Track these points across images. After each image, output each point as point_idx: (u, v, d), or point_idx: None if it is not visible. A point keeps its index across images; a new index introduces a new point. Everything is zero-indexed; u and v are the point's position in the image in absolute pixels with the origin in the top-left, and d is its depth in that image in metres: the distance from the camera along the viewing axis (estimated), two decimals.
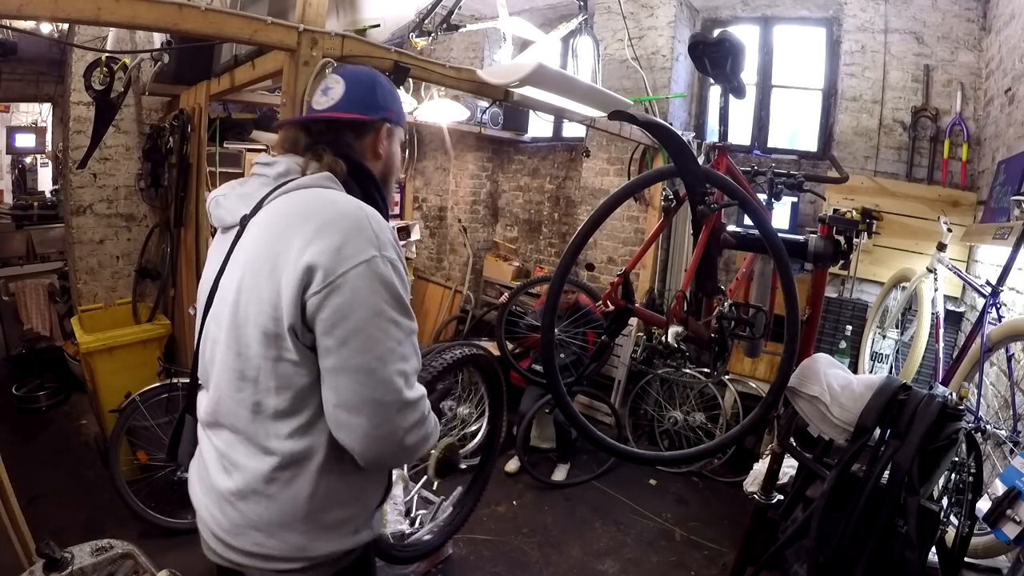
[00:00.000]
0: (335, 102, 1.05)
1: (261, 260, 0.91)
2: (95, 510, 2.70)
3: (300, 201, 0.94)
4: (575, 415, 1.69)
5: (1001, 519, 1.32)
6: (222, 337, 0.95)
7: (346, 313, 0.86)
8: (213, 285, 0.99)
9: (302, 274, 0.86)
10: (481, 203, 5.56)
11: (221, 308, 0.96)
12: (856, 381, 1.49)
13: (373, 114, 1.07)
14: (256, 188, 1.01)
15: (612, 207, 1.63)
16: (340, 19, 2.23)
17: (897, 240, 3.35)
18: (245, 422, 0.93)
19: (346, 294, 0.86)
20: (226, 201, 1.03)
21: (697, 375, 3.63)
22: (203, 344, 1.02)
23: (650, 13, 4.16)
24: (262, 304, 0.89)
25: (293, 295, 0.87)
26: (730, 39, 1.58)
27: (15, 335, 4.15)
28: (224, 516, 0.95)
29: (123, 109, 3.07)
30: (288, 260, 0.87)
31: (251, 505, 0.93)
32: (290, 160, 1.02)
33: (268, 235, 0.93)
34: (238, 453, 0.94)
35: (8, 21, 3.47)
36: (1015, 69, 2.65)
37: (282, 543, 0.93)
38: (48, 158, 6.67)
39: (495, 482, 3.40)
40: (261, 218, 0.96)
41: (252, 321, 0.90)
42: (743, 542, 1.93)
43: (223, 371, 0.95)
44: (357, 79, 1.07)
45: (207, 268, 1.06)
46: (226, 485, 0.95)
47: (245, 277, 0.93)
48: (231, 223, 1.00)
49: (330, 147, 1.02)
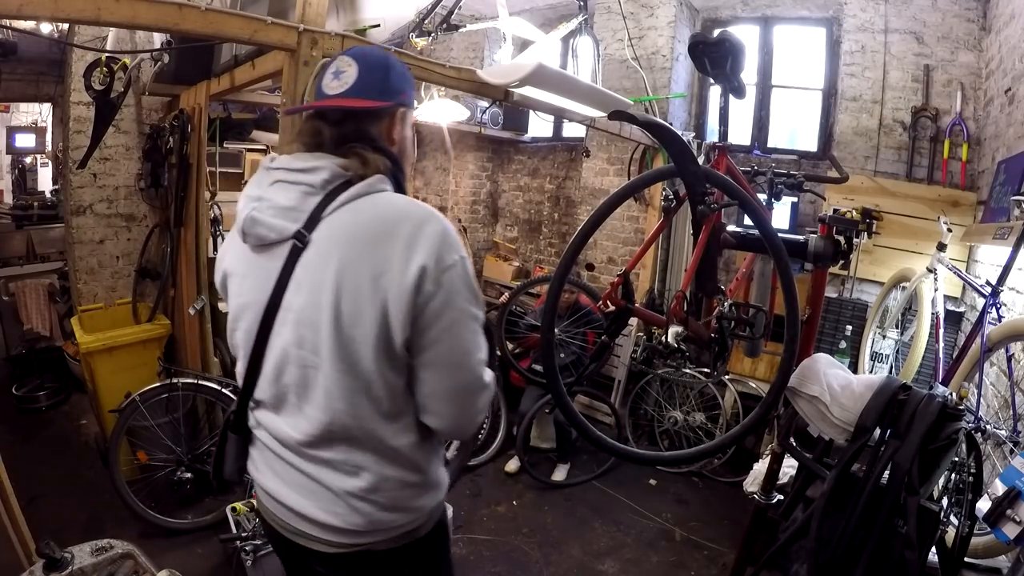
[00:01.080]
0: (348, 87, 0.99)
1: (361, 280, 0.89)
2: (95, 510, 2.70)
3: (373, 214, 0.93)
4: (575, 415, 1.69)
5: (1001, 519, 1.32)
6: (325, 361, 0.92)
7: (441, 313, 0.92)
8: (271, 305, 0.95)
9: (413, 284, 0.89)
10: (481, 203, 5.56)
11: (309, 332, 0.92)
12: (856, 381, 1.49)
13: (388, 99, 1.02)
14: (299, 199, 0.95)
15: (612, 207, 1.63)
16: (340, 19, 2.23)
17: (897, 240, 3.35)
18: (367, 432, 0.96)
19: (443, 296, 0.91)
20: (263, 216, 0.95)
21: (697, 375, 3.63)
22: (276, 369, 0.98)
23: (650, 13, 4.16)
24: (371, 324, 0.90)
25: (406, 309, 0.89)
26: (730, 39, 1.58)
27: (15, 335, 4.14)
28: (354, 511, 0.98)
29: (123, 109, 3.07)
30: (392, 280, 0.89)
31: (382, 494, 0.99)
32: (330, 163, 0.96)
33: (359, 253, 0.90)
34: (363, 457, 0.98)
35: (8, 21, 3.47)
36: (1015, 69, 2.65)
37: (408, 512, 1.03)
38: (48, 158, 6.67)
39: (495, 482, 3.41)
40: (331, 235, 0.92)
41: (362, 341, 0.90)
42: (743, 542, 1.93)
43: (334, 391, 0.93)
44: (370, 63, 1.02)
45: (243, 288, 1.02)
46: (354, 485, 0.98)
47: (344, 299, 0.89)
48: (276, 240, 0.95)
49: (362, 141, 0.99)
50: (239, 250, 1.02)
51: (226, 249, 1.09)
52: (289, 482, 1.01)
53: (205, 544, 2.54)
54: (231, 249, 1.06)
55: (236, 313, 1.04)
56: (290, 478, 1.02)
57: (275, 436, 1.02)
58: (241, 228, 0.98)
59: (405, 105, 1.06)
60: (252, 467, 1.10)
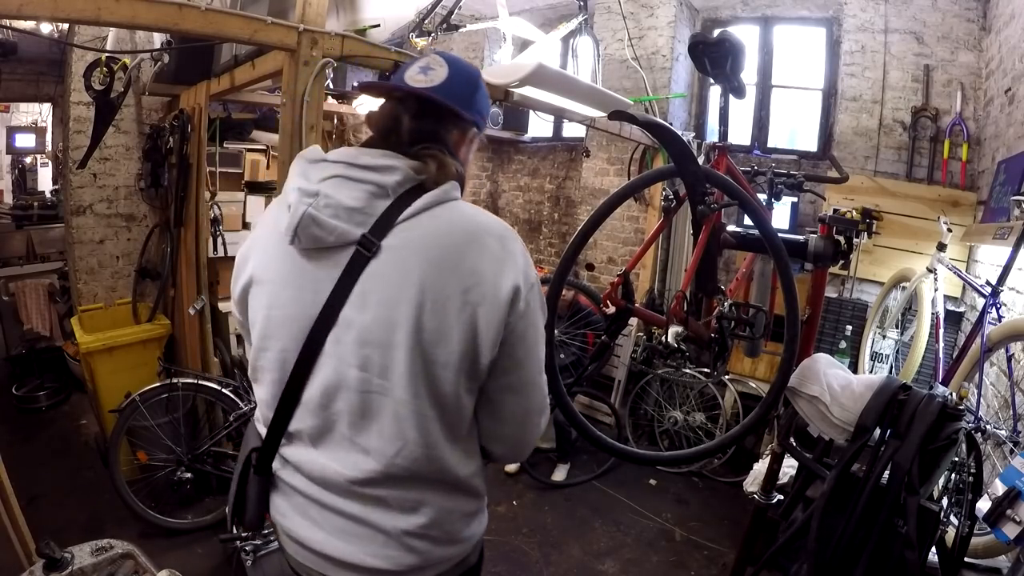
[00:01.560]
0: (437, 84, 0.90)
1: (448, 295, 0.81)
2: (95, 510, 2.70)
3: (455, 224, 0.86)
4: (575, 415, 1.69)
5: (1001, 519, 1.32)
6: (395, 384, 0.83)
7: (525, 333, 0.88)
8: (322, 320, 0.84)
9: (507, 304, 0.84)
10: (481, 203, 5.56)
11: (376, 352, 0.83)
12: (856, 381, 1.49)
13: (469, 113, 0.94)
14: (365, 201, 0.84)
15: (612, 207, 1.64)
16: (340, 19, 2.23)
17: (897, 240, 3.35)
18: (434, 461, 0.87)
19: (530, 316, 0.88)
20: (322, 216, 0.83)
21: (697, 375, 3.63)
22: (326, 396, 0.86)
23: (650, 13, 4.16)
24: (456, 343, 0.83)
25: (497, 327, 0.84)
26: (730, 39, 1.58)
27: (15, 335, 4.14)
28: (407, 551, 0.89)
29: (123, 109, 3.07)
30: (484, 295, 0.82)
31: (440, 528, 0.91)
32: (403, 163, 0.86)
33: (443, 265, 0.82)
34: (423, 491, 0.89)
35: (8, 21, 3.47)
36: (1015, 69, 2.65)
37: (462, 544, 0.96)
38: (48, 158, 6.66)
39: (495, 482, 3.41)
40: (409, 243, 0.83)
41: (443, 362, 0.83)
42: (743, 542, 1.93)
43: (406, 417, 0.84)
44: (462, 70, 0.94)
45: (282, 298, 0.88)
46: (411, 523, 0.89)
47: (426, 315, 0.81)
48: (334, 243, 0.84)
49: (438, 143, 0.91)
50: (276, 253, 0.89)
51: (251, 250, 0.94)
52: (329, 528, 0.89)
53: (205, 544, 2.54)
54: (260, 250, 0.92)
55: (268, 329, 0.89)
56: (330, 524, 0.89)
57: (312, 475, 0.90)
58: (294, 227, 0.83)
59: (480, 128, 1.00)
60: (277, 513, 0.96)
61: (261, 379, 0.94)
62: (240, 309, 0.97)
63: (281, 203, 0.89)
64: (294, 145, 1.91)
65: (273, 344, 0.89)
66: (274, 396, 0.90)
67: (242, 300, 0.95)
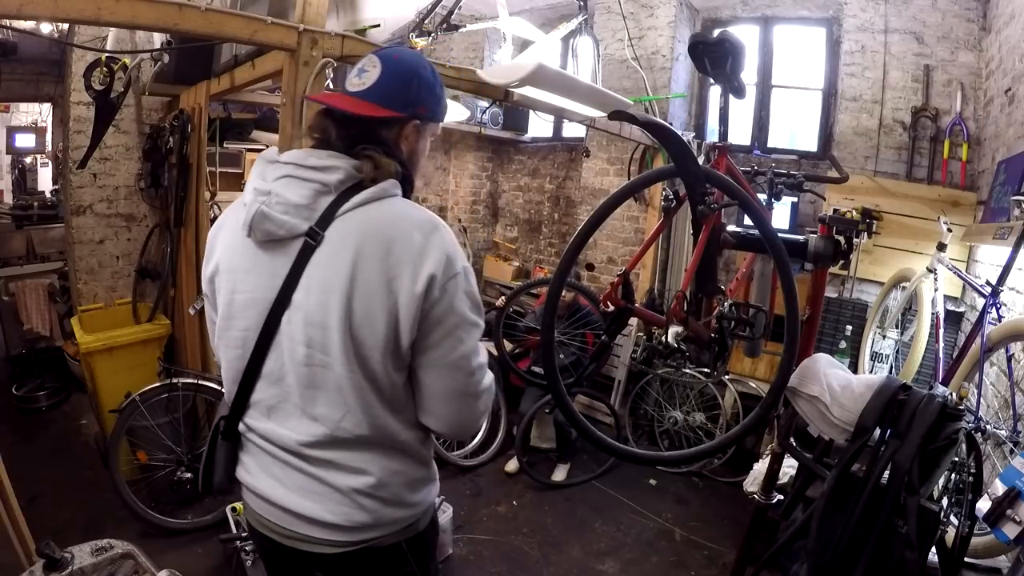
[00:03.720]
0: (366, 88, 0.99)
1: (374, 283, 0.91)
2: (95, 510, 2.70)
3: (386, 219, 0.95)
4: (575, 415, 1.69)
5: (1001, 519, 1.32)
6: (335, 360, 0.93)
7: (442, 319, 0.95)
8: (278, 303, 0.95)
9: (423, 292, 0.92)
10: (481, 203, 5.56)
11: (318, 331, 0.93)
12: (856, 381, 1.49)
13: (400, 110, 1.01)
14: (311, 198, 0.94)
15: (612, 207, 1.63)
16: (340, 19, 2.23)
17: (897, 240, 3.35)
18: (377, 427, 0.98)
19: (445, 303, 0.95)
20: (273, 212, 0.93)
21: (697, 375, 3.63)
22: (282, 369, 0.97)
23: (650, 13, 4.16)
24: (381, 325, 0.92)
25: (414, 312, 0.93)
26: (730, 39, 1.58)
27: (15, 335, 4.14)
28: (359, 508, 1.00)
29: (123, 109, 3.07)
30: (403, 283, 0.91)
31: (388, 489, 1.02)
32: (345, 163, 0.96)
33: (372, 256, 0.91)
34: (369, 455, 1.00)
35: (8, 21, 3.47)
36: (1015, 69, 2.65)
37: (411, 507, 1.06)
38: (48, 158, 6.66)
39: (495, 482, 3.41)
40: (350, 234, 0.93)
41: (371, 343, 0.93)
42: (743, 542, 1.93)
43: (346, 388, 0.95)
44: (396, 68, 1.01)
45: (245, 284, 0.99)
46: (361, 482, 1.00)
47: (356, 300, 0.91)
48: (285, 236, 0.94)
49: (374, 143, 0.99)
50: (238, 244, 0.99)
51: (216, 241, 1.07)
52: (290, 485, 1.01)
53: (205, 544, 2.54)
54: (224, 242, 1.04)
55: (231, 311, 1.01)
56: (291, 481, 1.01)
57: (271, 439, 1.01)
58: (248, 223, 0.94)
59: (421, 119, 1.04)
60: (244, 472, 1.07)
61: (224, 356, 1.06)
62: (208, 289, 1.09)
63: (240, 201, 1.02)
64: (294, 145, 1.90)
65: (236, 324, 1.00)
66: (237, 371, 1.02)
67: (209, 283, 1.08)
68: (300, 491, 1.00)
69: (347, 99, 0.99)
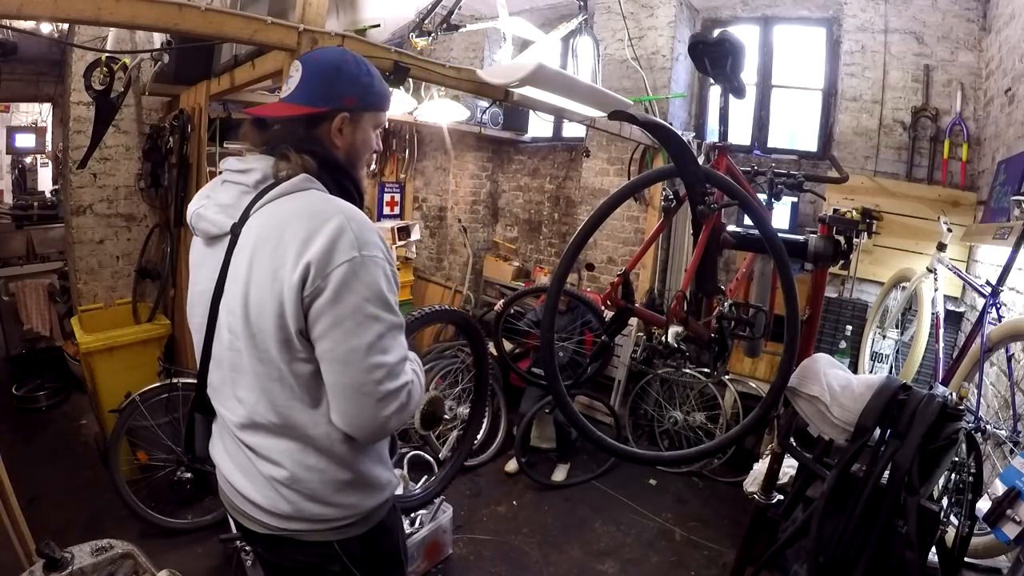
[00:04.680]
0: (291, 91, 1.06)
1: (264, 273, 0.96)
2: (95, 510, 2.70)
3: (288, 211, 0.98)
4: (575, 415, 1.69)
5: (1001, 519, 1.32)
6: (243, 347, 1.00)
7: (328, 308, 0.94)
8: (215, 295, 1.03)
9: (299, 280, 0.93)
10: (481, 203, 5.56)
11: (234, 320, 1.00)
12: (856, 381, 1.49)
13: (324, 105, 1.05)
14: (236, 197, 1.04)
15: (612, 207, 1.63)
16: (340, 19, 2.23)
17: (897, 240, 3.35)
18: (284, 419, 1.01)
19: (330, 292, 0.93)
20: (207, 212, 1.05)
21: (697, 375, 3.63)
22: (219, 353, 1.06)
23: (650, 13, 4.16)
24: (271, 315, 0.96)
25: (295, 301, 0.94)
26: (730, 39, 1.58)
27: (15, 335, 4.14)
28: (280, 497, 1.03)
29: (123, 109, 3.07)
30: (286, 272, 0.94)
31: (304, 484, 1.03)
32: (263, 164, 1.04)
33: (265, 248, 0.96)
34: (283, 447, 1.03)
35: (8, 21, 3.47)
36: (1015, 69, 2.65)
37: (335, 507, 1.06)
38: (48, 158, 6.67)
39: (495, 482, 3.41)
40: (253, 229, 1.00)
41: (266, 331, 0.97)
42: (743, 542, 1.93)
43: (254, 377, 1.00)
44: (315, 68, 1.06)
45: (199, 277, 1.09)
46: (277, 473, 1.03)
47: (252, 290, 0.97)
48: (217, 233, 1.04)
49: (290, 143, 1.04)
50: (197, 243, 1.12)
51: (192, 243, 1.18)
52: (235, 461, 1.08)
53: (205, 544, 2.54)
54: (194, 242, 1.15)
55: (192, 300, 1.12)
56: (235, 458, 1.08)
57: (222, 417, 1.10)
58: (191, 222, 1.09)
59: (348, 110, 1.06)
60: (211, 446, 1.16)
61: (194, 340, 1.14)
62: None
63: None
64: None
65: (196, 311, 1.10)
66: (200, 354, 1.11)
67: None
68: (240, 468, 1.07)
69: (272, 105, 1.09)
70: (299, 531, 1.05)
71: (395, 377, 0.99)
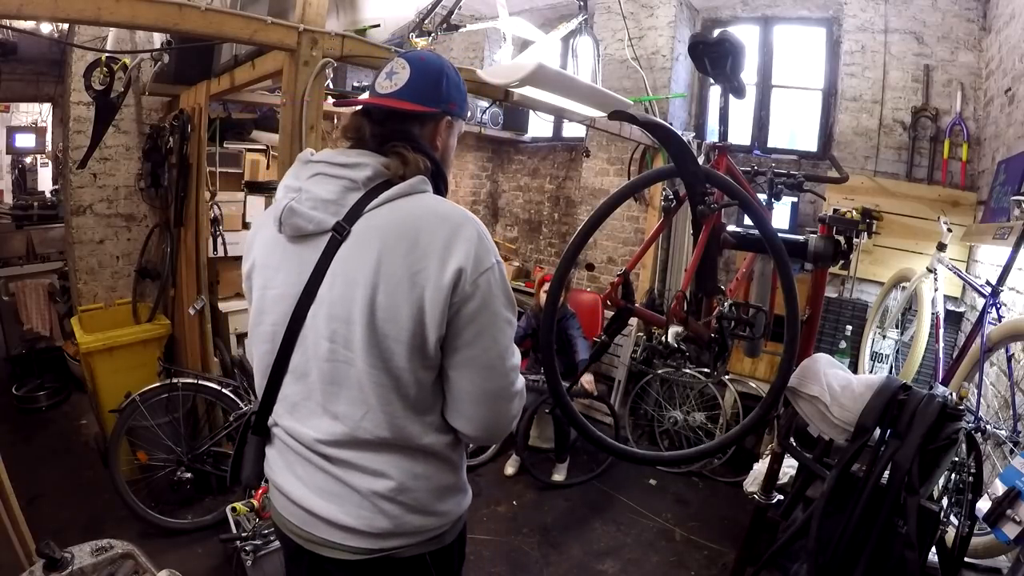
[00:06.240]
0: (398, 88, 1.01)
1: (398, 276, 0.90)
2: (95, 510, 2.70)
3: (414, 212, 0.94)
4: (575, 415, 1.69)
5: (1001, 519, 1.32)
6: (357, 356, 0.92)
7: (475, 316, 0.92)
8: (304, 297, 0.95)
9: (450, 285, 0.89)
10: (481, 203, 5.56)
11: (341, 326, 0.92)
12: (856, 381, 1.49)
13: (435, 106, 1.03)
14: (339, 193, 0.95)
15: (612, 207, 1.63)
16: (340, 19, 2.23)
17: (897, 240, 3.35)
18: (397, 428, 0.95)
19: (478, 299, 0.92)
20: (302, 207, 0.95)
21: (697, 375, 3.63)
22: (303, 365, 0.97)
23: (650, 13, 4.16)
24: (407, 320, 0.90)
25: (442, 307, 0.90)
26: (730, 39, 1.58)
27: (15, 335, 4.14)
28: (379, 513, 0.97)
29: (123, 109, 3.07)
30: (429, 277, 0.89)
31: (410, 495, 0.98)
32: (374, 160, 0.97)
33: (398, 249, 0.90)
34: (389, 457, 0.97)
35: (8, 21, 3.47)
36: (1015, 69, 2.65)
37: (436, 516, 1.02)
38: (48, 158, 6.66)
39: (495, 482, 3.41)
40: (377, 229, 0.92)
41: (394, 337, 0.91)
42: (743, 542, 1.93)
43: (367, 386, 0.93)
44: (423, 68, 1.03)
45: (276, 280, 1.00)
46: (381, 485, 0.96)
47: (380, 295, 0.90)
48: (314, 231, 0.95)
49: (404, 140, 1.00)
50: (271, 241, 1.01)
51: (253, 239, 1.08)
52: (311, 485, 0.99)
53: (205, 544, 2.54)
54: (261, 240, 1.05)
55: (263, 305, 1.02)
56: (312, 480, 0.99)
57: (296, 436, 1.00)
58: (278, 218, 0.96)
59: (451, 114, 1.07)
60: (269, 469, 1.07)
61: (255, 351, 1.05)
62: (246, 287, 1.10)
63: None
64: (294, 145, 1.91)
65: (266, 319, 1.01)
66: (267, 365, 1.01)
67: (247, 280, 1.08)
68: (320, 492, 0.98)
69: (382, 100, 1.02)
70: (396, 548, 0.99)
71: (520, 378, 1.01)
